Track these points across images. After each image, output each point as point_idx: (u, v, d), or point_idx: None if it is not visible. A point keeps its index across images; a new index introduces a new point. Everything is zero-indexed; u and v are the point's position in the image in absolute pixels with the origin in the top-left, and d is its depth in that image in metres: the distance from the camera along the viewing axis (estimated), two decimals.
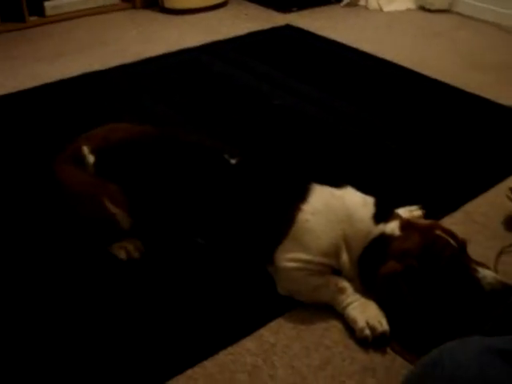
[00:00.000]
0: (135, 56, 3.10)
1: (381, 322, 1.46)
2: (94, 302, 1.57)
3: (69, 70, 2.92)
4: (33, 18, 3.55)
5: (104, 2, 3.79)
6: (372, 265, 1.49)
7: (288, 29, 3.54)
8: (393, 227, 1.52)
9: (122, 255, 1.70)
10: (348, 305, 1.51)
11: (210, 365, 1.41)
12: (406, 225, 1.52)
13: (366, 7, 3.92)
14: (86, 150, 1.71)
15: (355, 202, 1.56)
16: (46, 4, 3.57)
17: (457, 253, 1.46)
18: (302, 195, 1.55)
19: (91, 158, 1.69)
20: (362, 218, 1.54)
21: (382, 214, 1.55)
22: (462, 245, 1.49)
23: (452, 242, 1.47)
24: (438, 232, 1.49)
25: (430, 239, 1.47)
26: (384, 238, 1.51)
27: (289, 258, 1.53)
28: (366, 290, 1.53)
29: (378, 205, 1.57)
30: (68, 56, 3.12)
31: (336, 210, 1.54)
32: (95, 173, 1.68)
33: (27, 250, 1.74)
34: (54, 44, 3.29)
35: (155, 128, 1.81)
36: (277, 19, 3.69)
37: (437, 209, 1.89)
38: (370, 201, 1.58)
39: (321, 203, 1.54)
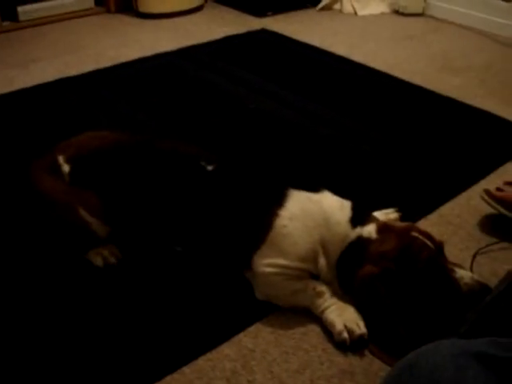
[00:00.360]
0: (110, 61, 3.08)
1: (359, 325, 1.46)
2: (69, 310, 1.56)
3: (43, 75, 2.90)
4: (6, 23, 3.52)
5: (78, 6, 3.76)
6: (350, 268, 1.50)
7: (263, 33, 3.55)
8: (370, 230, 1.52)
9: (99, 262, 1.69)
10: (326, 308, 1.51)
11: (188, 371, 1.41)
12: (383, 228, 1.53)
13: (340, 11, 3.95)
14: (61, 159, 1.70)
15: (332, 206, 1.56)
16: (20, 9, 3.53)
17: (434, 254, 1.47)
18: (279, 201, 1.55)
19: (66, 167, 1.68)
20: (339, 222, 1.54)
21: (359, 217, 1.56)
22: (439, 246, 1.50)
23: (429, 243, 1.48)
24: (415, 234, 1.50)
25: (407, 241, 1.48)
26: (361, 241, 1.51)
27: (267, 263, 1.53)
28: (344, 293, 1.53)
29: (354, 208, 1.57)
30: (43, 61, 3.09)
31: (313, 214, 1.54)
32: (70, 182, 1.67)
33: (3, 256, 1.72)
34: (29, 49, 3.26)
35: (133, 135, 1.80)
36: (252, 23, 3.70)
37: (412, 211, 1.90)
38: (346, 204, 1.58)
39: (298, 208, 1.55)
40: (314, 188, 1.60)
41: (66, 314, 1.54)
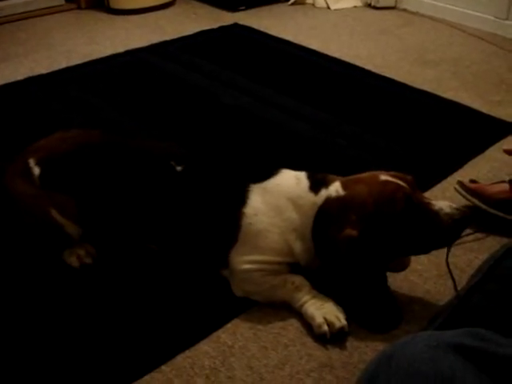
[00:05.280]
0: (81, 58, 3.05)
1: (338, 318, 1.46)
2: (45, 311, 1.54)
3: (13, 73, 2.86)
4: None
5: (48, 3, 3.72)
6: (326, 232, 1.46)
7: (236, 27, 3.54)
8: (336, 188, 1.49)
9: (74, 262, 1.68)
10: (305, 302, 1.51)
11: (167, 369, 1.40)
12: (348, 182, 1.50)
13: (313, 5, 3.95)
14: (31, 162, 1.67)
15: (289, 185, 1.54)
16: None
17: (409, 192, 1.43)
18: (243, 198, 1.54)
19: (36, 170, 1.66)
20: (300, 196, 1.52)
21: (319, 182, 1.53)
22: (411, 182, 1.47)
23: (401, 182, 1.45)
24: (384, 177, 1.47)
25: (379, 187, 1.44)
26: (331, 201, 1.47)
27: (243, 260, 1.53)
28: (322, 262, 1.51)
29: (310, 176, 1.55)
30: (12, 59, 3.05)
31: (274, 203, 1.52)
32: (40, 185, 1.65)
33: None
34: None
35: (104, 134, 1.77)
36: (224, 18, 3.69)
37: None
38: (302, 176, 1.56)
39: (259, 202, 1.53)
40: (271, 172, 1.58)
41: (42, 315, 1.53)
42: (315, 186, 1.52)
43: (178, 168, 1.61)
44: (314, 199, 1.50)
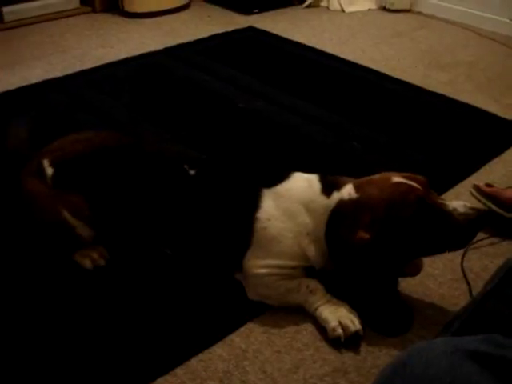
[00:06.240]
0: (96, 61, 3.06)
1: (353, 321, 1.46)
2: (59, 313, 1.54)
3: (28, 76, 2.87)
4: None
5: (63, 6, 3.73)
6: (340, 235, 1.45)
7: (251, 31, 3.54)
8: (349, 191, 1.48)
9: (88, 264, 1.68)
10: (320, 305, 1.51)
11: (181, 372, 1.40)
12: (361, 184, 1.49)
13: (327, 8, 3.94)
14: (45, 162, 1.68)
15: (301, 189, 1.54)
16: (4, 9, 3.49)
17: (422, 194, 1.42)
18: (256, 203, 1.54)
19: (50, 171, 1.67)
20: (312, 200, 1.51)
21: (331, 184, 1.52)
22: (424, 184, 1.45)
23: (414, 184, 1.43)
24: (397, 179, 1.45)
25: (391, 190, 1.43)
26: (344, 203, 1.47)
27: (258, 264, 1.53)
28: (336, 264, 1.50)
29: (322, 179, 1.55)
30: (27, 62, 3.06)
31: (287, 208, 1.52)
32: (53, 185, 1.66)
33: None
34: (13, 50, 3.22)
35: (118, 136, 1.78)
36: (239, 21, 3.69)
37: None
38: (313, 178, 1.56)
39: (272, 207, 1.53)
40: (282, 176, 1.58)
41: (56, 317, 1.53)
42: (327, 188, 1.52)
43: (192, 172, 1.62)
44: (326, 202, 1.50)
